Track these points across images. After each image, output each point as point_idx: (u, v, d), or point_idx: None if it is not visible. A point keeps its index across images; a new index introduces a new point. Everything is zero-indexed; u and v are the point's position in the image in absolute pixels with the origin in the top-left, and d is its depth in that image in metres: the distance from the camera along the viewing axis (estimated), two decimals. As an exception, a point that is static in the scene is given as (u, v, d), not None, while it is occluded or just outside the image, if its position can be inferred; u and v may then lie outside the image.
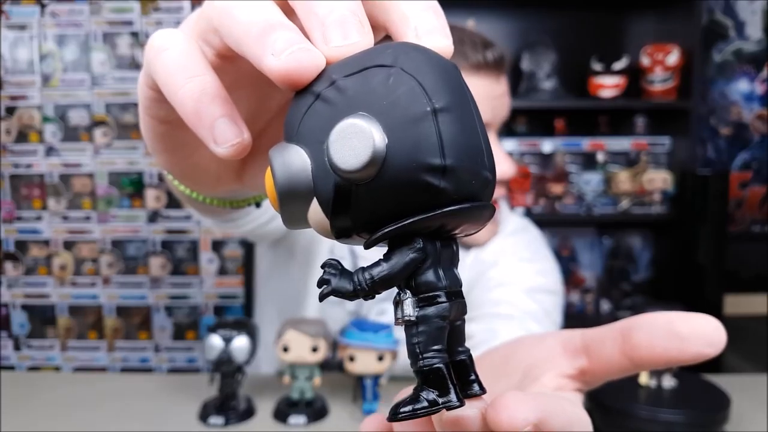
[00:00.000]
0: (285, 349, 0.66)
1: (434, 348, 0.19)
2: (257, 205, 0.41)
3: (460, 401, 0.19)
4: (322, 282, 0.20)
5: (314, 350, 0.66)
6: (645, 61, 1.78)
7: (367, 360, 0.66)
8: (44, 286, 2.00)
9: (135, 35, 1.93)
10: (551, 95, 1.81)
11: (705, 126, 2.00)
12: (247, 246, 1.10)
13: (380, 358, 0.66)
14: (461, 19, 1.70)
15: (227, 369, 0.67)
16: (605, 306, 1.91)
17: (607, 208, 1.82)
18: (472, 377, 0.20)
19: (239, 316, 0.91)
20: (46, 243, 1.99)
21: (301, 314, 0.84)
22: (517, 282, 0.77)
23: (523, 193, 1.80)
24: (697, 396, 0.65)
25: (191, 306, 2.01)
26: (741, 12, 1.98)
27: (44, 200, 1.97)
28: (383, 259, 0.19)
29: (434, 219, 0.19)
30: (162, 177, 1.91)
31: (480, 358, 0.29)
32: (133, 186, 1.97)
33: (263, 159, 0.31)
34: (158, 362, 2.02)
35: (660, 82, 1.77)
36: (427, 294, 0.19)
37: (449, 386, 0.19)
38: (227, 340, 0.66)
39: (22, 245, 1.99)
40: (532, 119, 1.92)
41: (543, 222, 1.37)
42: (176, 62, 0.23)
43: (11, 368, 2.00)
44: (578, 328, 0.25)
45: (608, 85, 1.76)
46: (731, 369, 1.69)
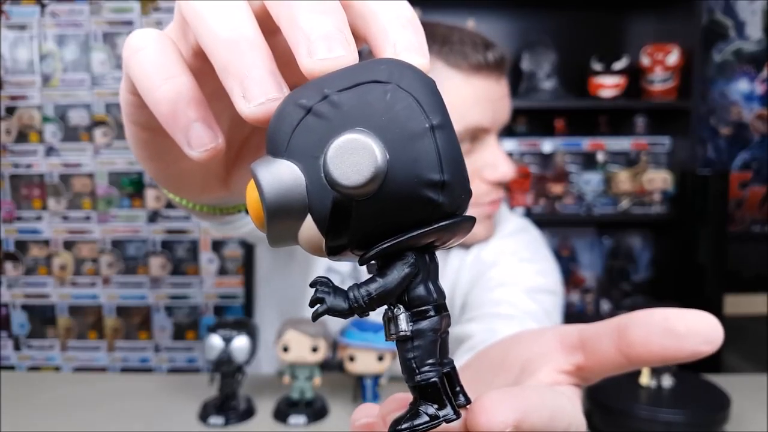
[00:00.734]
0: (285, 349, 0.66)
1: (429, 362, 0.19)
2: (247, 212, 0.41)
3: (457, 414, 0.19)
4: (316, 301, 0.19)
5: (314, 350, 0.66)
6: (645, 61, 1.77)
7: (367, 360, 0.66)
8: (44, 286, 2.00)
9: (135, 35, 1.94)
10: (551, 95, 1.81)
11: (705, 126, 2.00)
12: (247, 246, 1.10)
13: (380, 358, 0.67)
14: (461, 19, 1.70)
15: (227, 369, 0.67)
16: (605, 306, 1.91)
17: (607, 208, 1.82)
18: (458, 388, 0.20)
19: (239, 316, 0.91)
20: (46, 243, 1.99)
21: (301, 314, 0.84)
22: (518, 282, 0.77)
23: (523, 193, 1.80)
24: (697, 396, 0.65)
25: (191, 306, 2.01)
26: (741, 12, 1.98)
27: (44, 200, 1.97)
28: (378, 275, 0.19)
29: (431, 233, 0.19)
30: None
31: (480, 354, 0.30)
32: (133, 186, 1.97)
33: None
34: (158, 362, 2.02)
35: (660, 82, 1.76)
36: (420, 308, 0.19)
37: (445, 399, 0.19)
38: (227, 340, 0.66)
39: (22, 245, 1.99)
40: (532, 119, 1.92)
41: (543, 222, 1.38)
42: (152, 62, 0.22)
43: (11, 368, 2.00)
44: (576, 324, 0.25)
45: (608, 85, 1.76)
46: (731, 369, 1.69)
